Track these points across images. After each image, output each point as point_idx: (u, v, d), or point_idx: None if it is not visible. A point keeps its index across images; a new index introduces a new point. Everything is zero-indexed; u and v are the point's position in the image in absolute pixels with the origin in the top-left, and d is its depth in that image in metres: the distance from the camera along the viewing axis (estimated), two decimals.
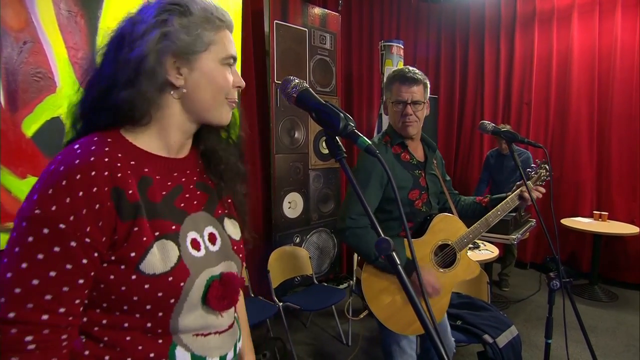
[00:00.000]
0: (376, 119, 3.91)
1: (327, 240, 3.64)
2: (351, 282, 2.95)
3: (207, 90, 0.70)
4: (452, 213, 1.63)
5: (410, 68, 1.53)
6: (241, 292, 0.96)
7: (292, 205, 3.32)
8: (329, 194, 3.63)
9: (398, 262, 0.58)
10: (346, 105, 4.10)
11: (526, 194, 1.50)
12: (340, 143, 0.64)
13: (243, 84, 0.75)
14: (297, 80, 0.69)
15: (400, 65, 3.71)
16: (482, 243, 2.99)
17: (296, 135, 3.33)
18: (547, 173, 1.58)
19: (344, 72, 3.98)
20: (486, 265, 3.32)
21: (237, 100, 0.75)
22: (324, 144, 3.57)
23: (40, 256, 0.56)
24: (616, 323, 3.09)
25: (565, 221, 3.70)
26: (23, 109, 1.75)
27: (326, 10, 3.56)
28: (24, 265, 0.56)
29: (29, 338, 0.56)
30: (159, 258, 0.63)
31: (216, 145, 0.80)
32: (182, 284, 0.65)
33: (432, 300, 1.51)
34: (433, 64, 4.88)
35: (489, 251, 2.86)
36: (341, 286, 3.60)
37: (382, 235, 0.58)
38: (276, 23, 3.08)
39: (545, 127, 4.23)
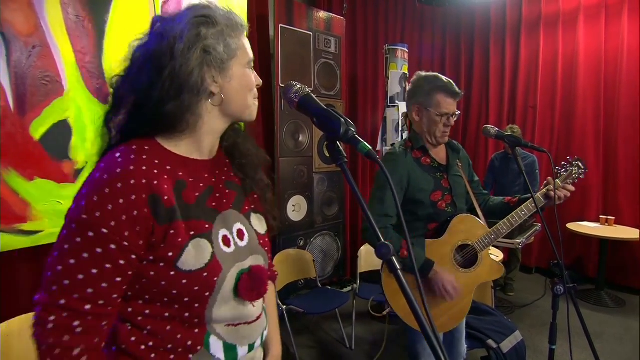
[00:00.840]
0: (380, 122, 3.91)
1: (331, 244, 3.64)
2: (355, 285, 2.94)
3: (241, 94, 0.76)
4: (478, 213, 1.62)
5: (446, 78, 1.55)
6: (271, 283, 1.01)
7: (296, 208, 3.33)
8: (333, 197, 3.63)
9: (398, 267, 0.58)
10: (351, 108, 4.11)
11: (552, 193, 1.48)
12: (341, 148, 0.64)
13: (261, 82, 0.80)
14: (299, 85, 0.70)
15: (405, 69, 3.72)
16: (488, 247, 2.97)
17: (300, 138, 3.34)
18: (581, 170, 1.52)
19: (348, 75, 3.99)
20: None
21: (257, 96, 0.81)
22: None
23: (85, 255, 0.64)
24: (623, 329, 3.06)
25: (571, 225, 3.67)
26: (31, 112, 1.77)
27: (331, 14, 3.57)
28: (72, 261, 0.64)
29: (76, 323, 0.64)
30: (194, 255, 0.69)
31: (236, 139, 0.86)
32: (215, 278, 0.71)
33: (453, 301, 1.52)
34: (438, 67, 4.87)
35: (493, 255, 2.84)
36: (345, 289, 3.60)
37: (382, 240, 0.58)
38: (281, 27, 3.10)
39: (550, 130, 4.21)
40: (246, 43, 0.77)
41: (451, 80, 1.55)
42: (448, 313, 1.52)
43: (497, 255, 2.86)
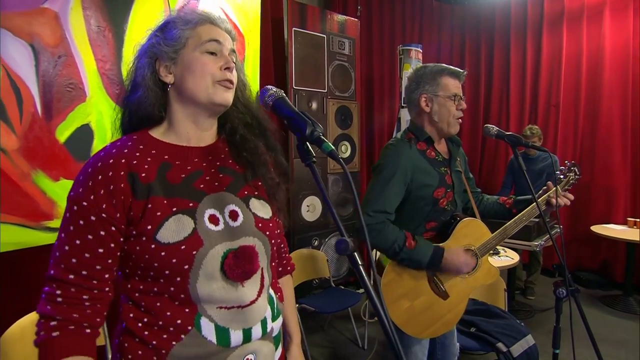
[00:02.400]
0: (395, 122, 3.91)
1: None
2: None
3: (190, 78, 0.79)
4: (474, 212, 1.60)
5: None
6: (289, 276, 1.03)
7: (311, 208, 3.38)
8: (348, 197, 3.66)
9: (360, 262, 0.60)
10: (366, 109, 4.12)
11: (553, 201, 1.45)
12: (310, 148, 0.68)
13: (229, 64, 0.80)
14: (274, 89, 0.74)
15: None
16: (503, 249, 2.92)
17: None
18: (576, 177, 1.52)
19: (363, 77, 4.01)
20: (509, 272, 3.22)
21: (229, 79, 0.80)
22: (342, 148, 3.61)
23: (71, 228, 0.71)
24: None
25: (596, 228, 3.53)
26: (57, 117, 1.90)
27: (345, 16, 3.60)
28: (62, 235, 0.72)
29: (58, 292, 0.70)
30: (174, 229, 0.72)
31: (246, 135, 0.87)
32: (194, 252, 0.73)
33: (448, 305, 1.50)
34: (457, 67, 4.79)
35: (509, 257, 2.79)
36: (360, 290, 3.61)
37: (345, 236, 0.61)
38: (294, 30, 3.17)
39: (574, 129, 4.06)
40: (203, 30, 0.80)
41: None
42: (442, 319, 1.49)
43: (512, 257, 2.80)
